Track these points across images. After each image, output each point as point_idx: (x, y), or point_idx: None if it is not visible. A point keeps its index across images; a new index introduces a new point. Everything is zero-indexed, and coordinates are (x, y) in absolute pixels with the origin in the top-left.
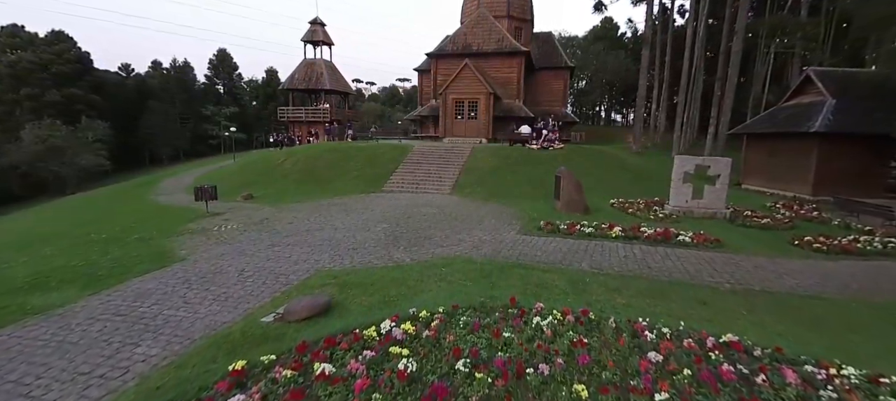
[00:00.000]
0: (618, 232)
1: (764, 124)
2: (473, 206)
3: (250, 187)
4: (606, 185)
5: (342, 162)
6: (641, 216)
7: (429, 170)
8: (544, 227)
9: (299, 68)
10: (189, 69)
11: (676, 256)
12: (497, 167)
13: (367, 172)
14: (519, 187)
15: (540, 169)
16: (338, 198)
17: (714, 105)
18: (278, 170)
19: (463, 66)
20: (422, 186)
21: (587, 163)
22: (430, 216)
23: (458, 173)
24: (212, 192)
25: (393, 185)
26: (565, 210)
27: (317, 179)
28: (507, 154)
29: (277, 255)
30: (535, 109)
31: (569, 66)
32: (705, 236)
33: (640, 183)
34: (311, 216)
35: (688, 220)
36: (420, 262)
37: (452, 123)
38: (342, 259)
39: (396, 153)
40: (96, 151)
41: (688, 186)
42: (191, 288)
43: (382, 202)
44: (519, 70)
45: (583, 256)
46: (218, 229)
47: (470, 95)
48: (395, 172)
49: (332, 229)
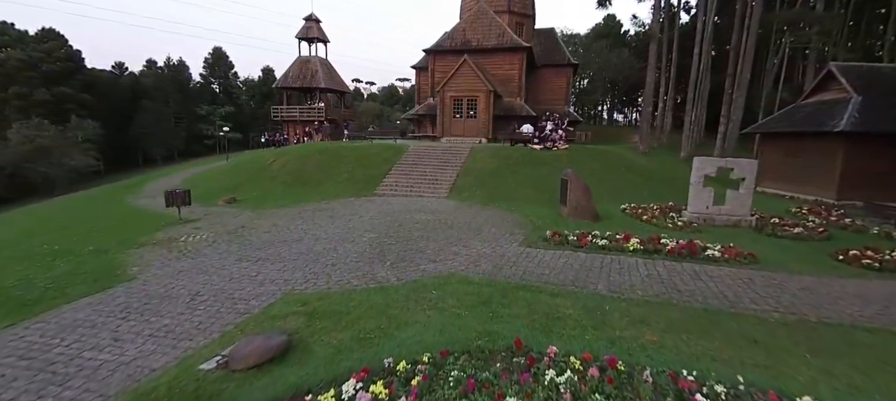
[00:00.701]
0: (635, 245)
1: (781, 123)
2: (472, 211)
3: (235, 190)
4: (615, 188)
5: (333, 163)
6: (658, 225)
7: (424, 171)
8: (551, 237)
9: (293, 66)
10: (184, 68)
11: (708, 276)
12: (497, 169)
13: (358, 174)
14: (521, 190)
15: (543, 171)
16: (325, 202)
17: (724, 103)
18: (267, 171)
19: (462, 63)
20: (417, 190)
21: (593, 164)
22: (424, 224)
23: (456, 175)
24: (184, 197)
25: (386, 188)
26: (573, 217)
27: (305, 182)
28: (507, 155)
29: (243, 273)
30: (536, 107)
31: (571, 63)
32: (737, 250)
33: (650, 186)
34: (293, 224)
35: (710, 229)
36: (408, 282)
37: (451, 122)
38: (317, 279)
39: (391, 154)
40: (86, 151)
41: (708, 190)
42: (128, 318)
43: (373, 207)
44: (520, 67)
45: (598, 274)
46: (185, 240)
47: (469, 93)
48: (389, 174)
49: (313, 240)
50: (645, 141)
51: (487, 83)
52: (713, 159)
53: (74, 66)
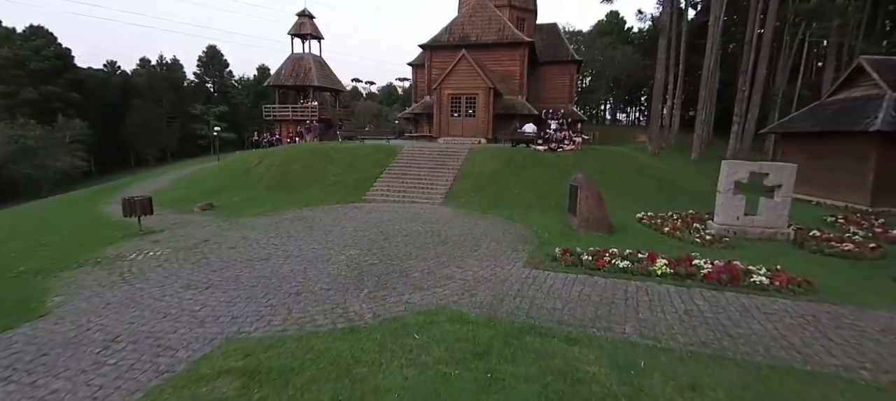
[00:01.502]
0: (664, 267)
1: (804, 122)
2: (469, 221)
3: (216, 194)
4: (627, 193)
5: (321, 166)
6: (682, 239)
7: (418, 175)
8: (561, 256)
9: (286, 63)
10: (178, 67)
11: (760, 311)
12: (498, 172)
13: (347, 178)
14: (524, 197)
15: (548, 174)
16: (308, 209)
17: (737, 102)
18: (251, 174)
19: (460, 58)
20: (409, 195)
21: (603, 166)
22: (414, 237)
23: (453, 179)
24: (145, 205)
25: (376, 193)
26: (584, 229)
27: (289, 186)
28: (509, 156)
29: (184, 306)
30: (538, 106)
31: (575, 59)
32: (788, 276)
33: (664, 191)
34: (265, 236)
35: (742, 243)
36: (385, 320)
37: (448, 122)
38: (274, 314)
39: (383, 155)
40: (73, 151)
41: (740, 198)
42: (9, 380)
43: (359, 216)
44: (521, 63)
45: (623, 310)
46: (133, 258)
47: (467, 90)
48: (380, 178)
49: (282, 258)
50: (654, 141)
51: (487, 80)
52: (745, 163)
53: (63, 65)
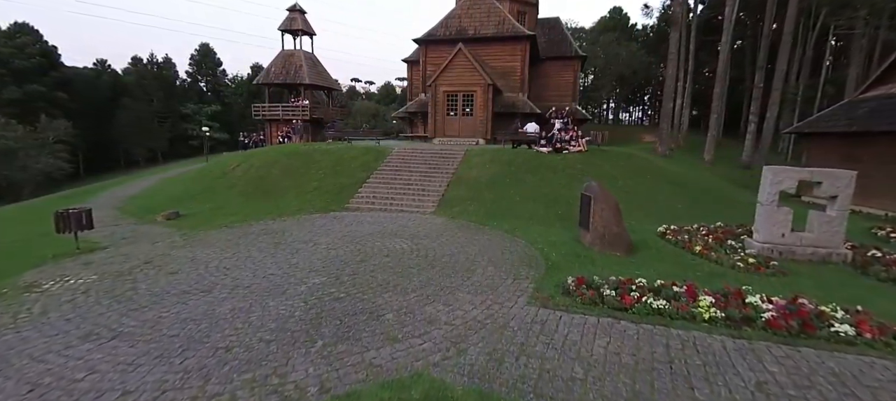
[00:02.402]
0: (710, 308)
1: (836, 121)
2: (463, 235)
3: (188, 201)
4: (644, 202)
5: (302, 169)
6: (719, 262)
7: (409, 180)
8: (576, 289)
9: (276, 60)
10: (170, 66)
11: (860, 381)
12: (497, 176)
13: (329, 184)
14: (526, 205)
15: (554, 180)
16: (281, 220)
17: (754, 99)
18: (227, 178)
19: (456, 52)
20: (397, 203)
21: (614, 170)
22: (396, 258)
23: (447, 185)
24: (81, 219)
25: (360, 200)
26: (599, 247)
27: (266, 192)
28: (509, 159)
29: (64, 372)
30: (540, 104)
31: (579, 55)
32: (881, 324)
33: (684, 198)
34: (219, 257)
35: (791, 265)
36: (337, 398)
37: (444, 121)
38: (181, 388)
39: (370, 158)
40: (57, 152)
41: (786, 211)
42: None
43: (336, 229)
44: (522, 58)
45: (670, 383)
46: (50, 287)
47: (464, 87)
48: (366, 183)
49: (227, 290)
50: (665, 142)
51: (485, 76)
52: (792, 170)
53: (49, 63)
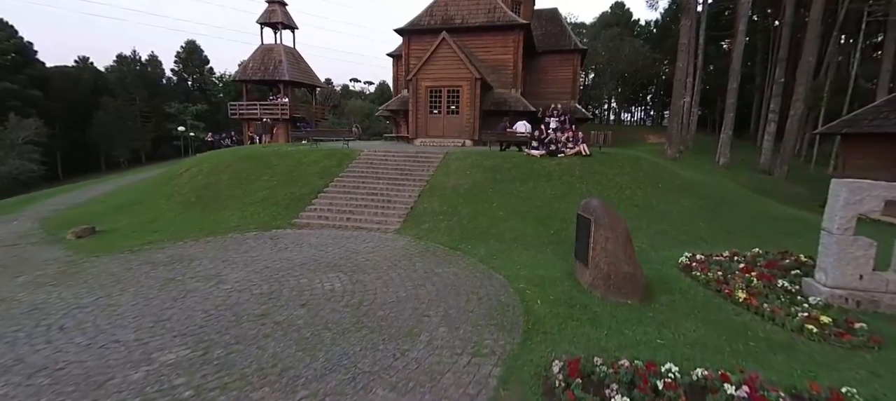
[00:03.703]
0: None
1: (888, 120)
2: (423, 267)
3: (123, 212)
4: (659, 216)
5: (254, 176)
6: (779, 321)
7: (374, 189)
8: (562, 385)
9: (254, 56)
10: (156, 64)
11: None
12: (479, 185)
13: (281, 193)
14: (511, 223)
15: (547, 190)
16: (204, 241)
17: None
18: (173, 185)
19: (440, 42)
20: (356, 217)
21: (621, 178)
22: (313, 311)
23: (418, 195)
24: None
25: (312, 213)
26: (602, 292)
27: (207, 202)
28: (496, 164)
29: None
30: (537, 101)
31: (579, 48)
32: None
33: (706, 212)
34: (75, 304)
35: (882, 326)
36: None
37: (426, 120)
38: None
39: (334, 162)
40: (28, 154)
41: (866, 246)
42: None
43: (263, 257)
44: (516, 50)
45: None
46: None
47: (449, 82)
48: (324, 192)
49: (23, 377)
50: (675, 143)
51: (473, 69)
52: (879, 186)
53: (23, 60)
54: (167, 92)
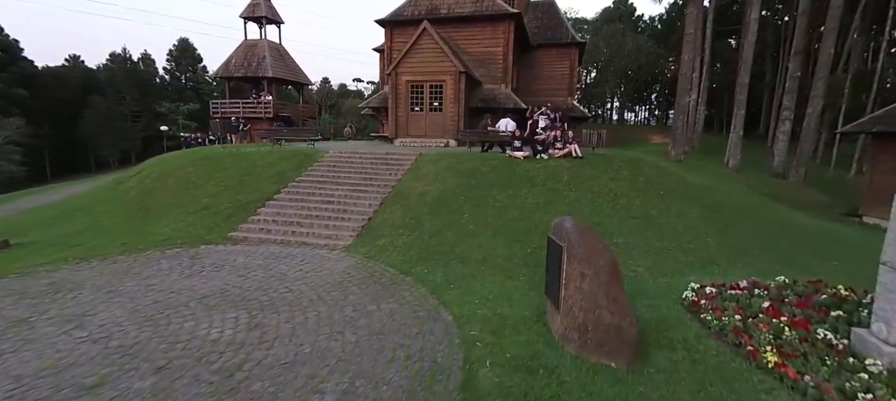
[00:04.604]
0: None
1: None
2: (354, 302)
3: (60, 222)
4: (659, 230)
5: (203, 178)
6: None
7: (331, 196)
8: None
9: (238, 51)
10: (149, 62)
11: None
12: (450, 192)
13: (225, 200)
14: (480, 239)
15: (529, 198)
16: (111, 259)
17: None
18: (119, 190)
19: (421, 32)
20: (304, 230)
21: (617, 185)
22: (172, 377)
23: (380, 203)
24: None
25: (253, 226)
26: (576, 348)
27: (148, 209)
28: (472, 167)
29: None
30: (531, 99)
31: (577, 42)
32: None
33: (714, 221)
34: None
35: None
36: None
37: (408, 118)
38: None
39: (292, 165)
40: (8, 154)
41: None
42: None
43: (163, 285)
44: (506, 42)
45: None
46: None
47: (431, 76)
48: (274, 199)
49: None
50: (680, 144)
51: (456, 61)
52: None
53: (9, 58)
54: (159, 91)
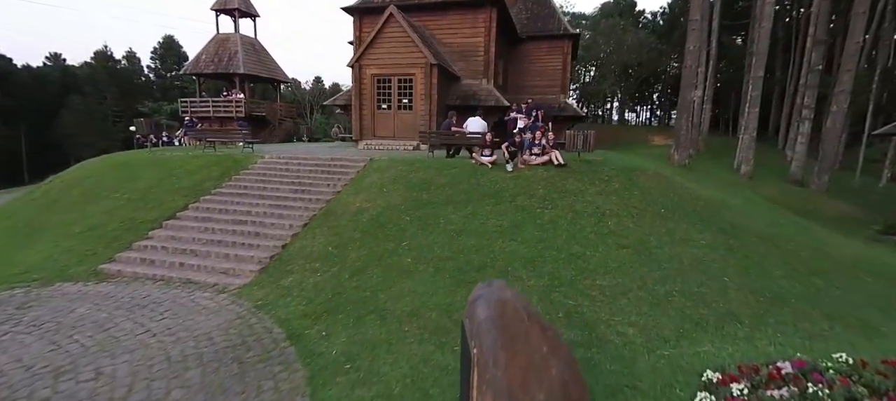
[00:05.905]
0: None
1: None
2: (187, 398)
3: None
4: (656, 269)
5: (109, 189)
6: None
7: (247, 213)
8: None
9: (208, 46)
10: (134, 60)
11: None
12: (393, 210)
13: (117, 218)
14: (416, 280)
15: (491, 220)
16: None
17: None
18: (25, 200)
19: (387, 18)
20: (195, 262)
21: (604, 200)
22: None
23: (304, 224)
24: None
25: (139, 252)
26: None
27: (34, 228)
28: (427, 177)
29: None
30: (519, 96)
31: (570, 33)
32: None
33: (731, 251)
34: None
35: None
36: None
37: (373, 117)
38: None
39: (212, 174)
40: None
41: None
42: None
43: None
44: (487, 31)
45: None
46: None
47: (400, 69)
48: (178, 216)
49: None
50: (684, 147)
51: (427, 51)
52: None
53: None
54: (142, 89)
